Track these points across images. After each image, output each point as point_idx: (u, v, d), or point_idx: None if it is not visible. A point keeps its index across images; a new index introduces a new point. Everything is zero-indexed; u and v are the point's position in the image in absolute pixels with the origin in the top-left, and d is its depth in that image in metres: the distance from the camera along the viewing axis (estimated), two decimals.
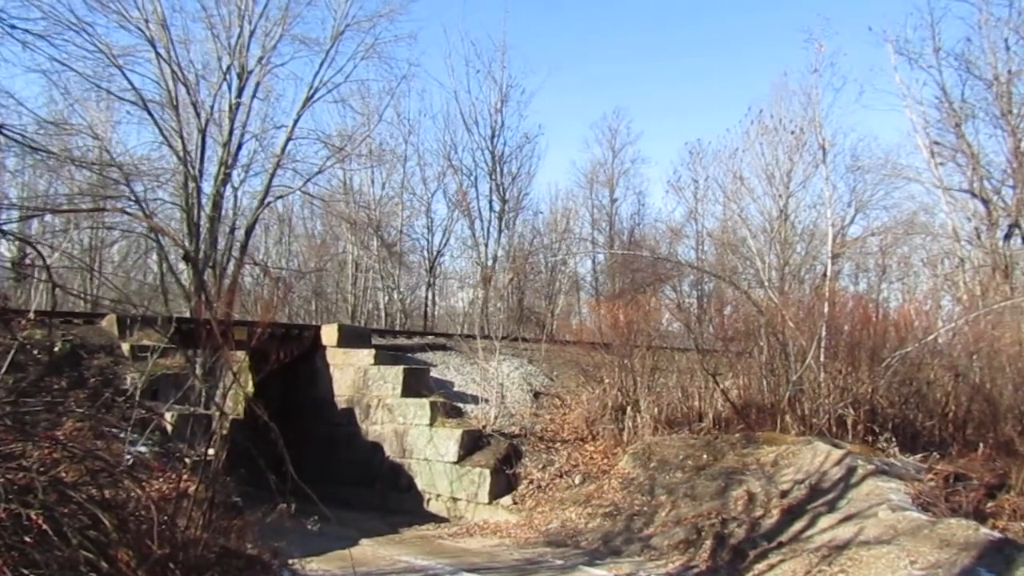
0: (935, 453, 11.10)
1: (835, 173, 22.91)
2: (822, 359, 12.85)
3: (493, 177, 30.08)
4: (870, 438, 11.83)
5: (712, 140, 37.42)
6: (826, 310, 13.62)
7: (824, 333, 13.00)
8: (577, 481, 13.11)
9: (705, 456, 11.97)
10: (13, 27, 6.93)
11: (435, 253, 31.41)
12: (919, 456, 11.15)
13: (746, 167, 21.39)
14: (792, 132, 19.77)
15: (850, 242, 24.35)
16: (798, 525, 9.48)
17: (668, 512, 10.90)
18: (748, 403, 13.56)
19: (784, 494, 10.25)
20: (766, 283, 17.20)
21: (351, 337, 17.14)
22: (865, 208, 26.14)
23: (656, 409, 13.75)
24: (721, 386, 13.59)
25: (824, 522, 9.33)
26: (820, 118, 16.70)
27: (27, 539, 3.47)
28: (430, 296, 31.33)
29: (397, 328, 25.86)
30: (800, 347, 12.97)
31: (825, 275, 17.64)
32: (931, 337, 13.28)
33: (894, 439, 11.46)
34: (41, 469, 3.94)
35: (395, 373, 15.54)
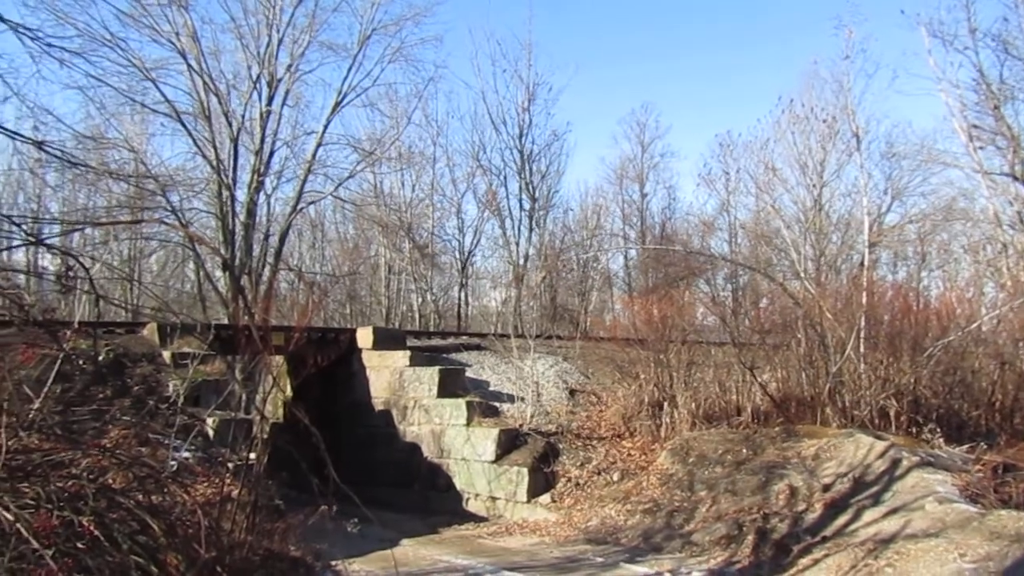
0: (982, 443, 10.87)
1: (870, 161, 22.53)
2: (862, 350, 12.65)
3: (522, 176, 30.09)
4: (914, 429, 11.62)
5: (742, 132, 36.92)
6: (865, 300, 13.41)
7: (863, 323, 12.80)
8: (615, 478, 13.07)
9: (744, 450, 11.86)
10: (50, 45, 7.04)
11: (467, 253, 31.53)
12: (965, 447, 10.93)
13: (778, 157, 21.11)
14: (824, 120, 19.46)
15: (887, 230, 23.91)
16: (842, 519, 9.35)
17: (708, 508, 10.82)
18: (787, 396, 13.40)
19: (827, 488, 10.11)
20: (802, 274, 16.98)
21: (386, 339, 17.27)
22: (902, 195, 25.68)
23: (693, 404, 13.65)
24: (759, 379, 13.45)
25: (869, 515, 9.19)
26: (853, 105, 16.46)
27: (80, 545, 3.56)
28: (463, 296, 31.44)
29: (431, 329, 25.98)
30: (839, 338, 12.78)
31: (863, 265, 17.36)
32: (975, 325, 13.01)
33: (939, 430, 11.24)
34: (90, 477, 4.03)
35: (431, 374, 15.62)
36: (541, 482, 13.42)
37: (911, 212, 24.85)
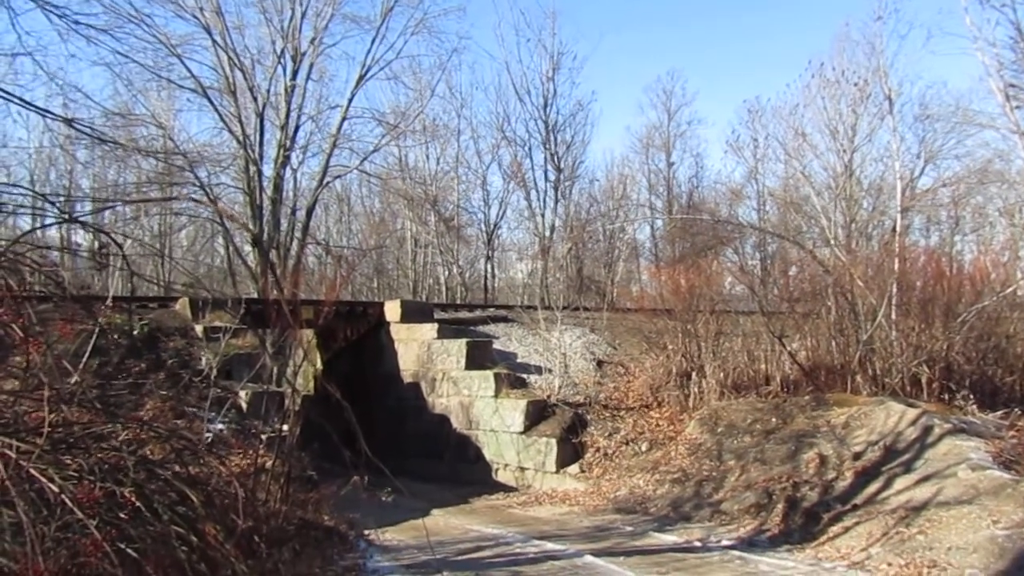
0: (1016, 409, 10.72)
1: (903, 124, 21.96)
2: (893, 317, 12.50)
3: (547, 147, 29.83)
4: (946, 396, 11.51)
5: (771, 97, 36.35)
6: (896, 266, 13.23)
7: (895, 290, 12.64)
8: (644, 448, 13.11)
9: (774, 419, 11.82)
10: (77, 23, 7.14)
11: (492, 225, 31.47)
12: (999, 413, 10.80)
13: (808, 123, 20.65)
14: (855, 84, 18.97)
15: (920, 194, 23.44)
16: (873, 487, 9.31)
17: (738, 477, 10.82)
18: (817, 365, 13.31)
19: (857, 456, 10.06)
20: (832, 241, 16.74)
21: (414, 312, 17.37)
22: (935, 158, 25.05)
23: (722, 374, 13.61)
24: (788, 348, 13.36)
25: (900, 483, 9.13)
26: (885, 67, 16.04)
27: (122, 515, 3.65)
28: (489, 269, 31.46)
29: (458, 302, 26.08)
30: (870, 305, 12.64)
31: (894, 230, 17.08)
32: (1010, 290, 12.79)
33: (972, 396, 11.11)
34: (130, 449, 4.13)
35: (458, 346, 15.71)
36: (569, 452, 13.51)
37: (945, 175, 24.26)
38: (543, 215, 29.75)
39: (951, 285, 12.70)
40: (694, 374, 13.91)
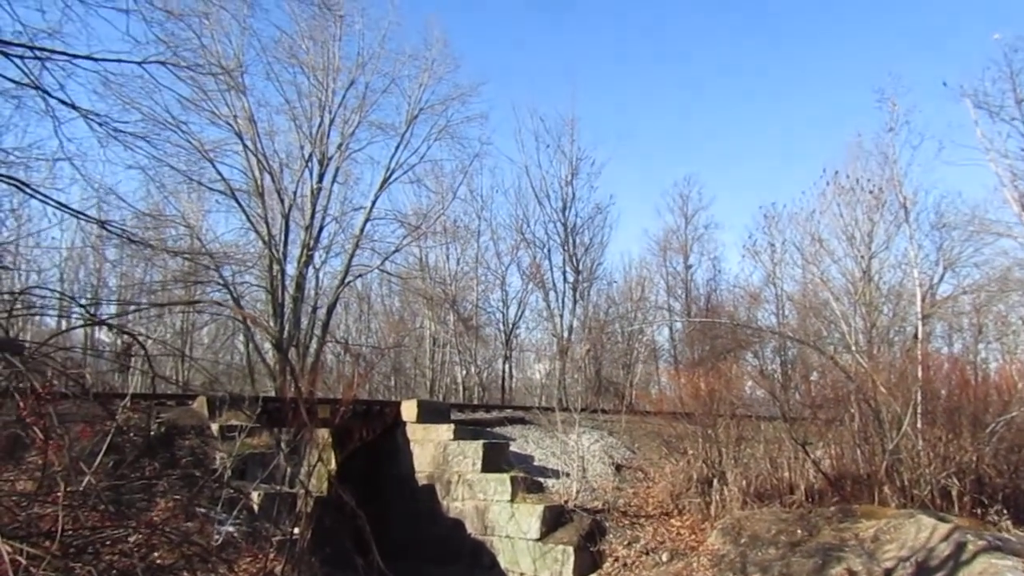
0: None
1: (919, 231, 22.11)
2: (919, 426, 12.23)
3: (566, 248, 30.29)
4: (978, 510, 11.11)
5: (787, 203, 36.82)
6: (920, 374, 13.03)
7: (919, 398, 12.41)
8: (664, 559, 12.66)
9: (799, 531, 11.42)
10: (117, 131, 7.53)
11: (511, 326, 31.58)
12: None
13: (824, 228, 20.85)
14: (871, 192, 19.26)
15: (941, 301, 23.35)
16: None
17: None
18: (842, 474, 12.96)
19: (888, 573, 9.66)
20: (853, 347, 16.58)
21: (430, 413, 17.22)
22: (954, 265, 25.04)
23: (744, 481, 13.25)
24: (812, 456, 13.05)
25: None
26: (899, 176, 16.30)
27: None
28: (507, 369, 31.35)
29: (475, 402, 25.86)
30: (895, 413, 12.39)
31: (916, 337, 16.93)
32: None
33: (1005, 511, 10.74)
34: (140, 554, 4.06)
35: (475, 448, 15.48)
36: (587, 562, 13.06)
37: (965, 283, 24.22)
38: (561, 316, 29.93)
39: (977, 394, 12.47)
40: (715, 481, 13.56)
